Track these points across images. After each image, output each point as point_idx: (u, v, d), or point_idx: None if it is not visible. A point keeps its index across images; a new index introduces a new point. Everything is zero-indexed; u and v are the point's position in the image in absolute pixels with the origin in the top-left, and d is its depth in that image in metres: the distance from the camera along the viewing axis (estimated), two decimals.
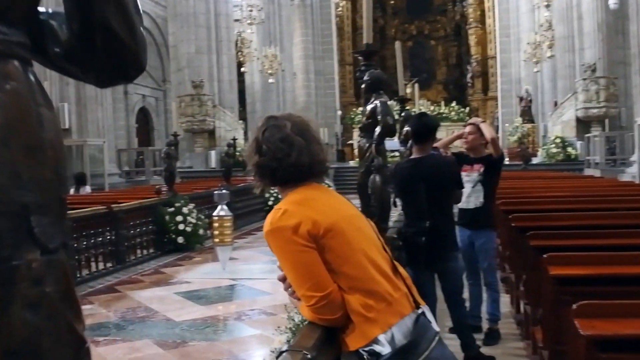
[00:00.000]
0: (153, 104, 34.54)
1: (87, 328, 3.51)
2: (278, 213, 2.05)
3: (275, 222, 2.04)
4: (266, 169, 2.15)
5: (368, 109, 3.63)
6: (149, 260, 9.65)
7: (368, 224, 2.26)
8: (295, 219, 2.01)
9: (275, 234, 2.03)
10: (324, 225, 2.03)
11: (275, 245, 2.05)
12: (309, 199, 2.12)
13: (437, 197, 4.60)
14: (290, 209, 2.05)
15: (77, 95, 15.83)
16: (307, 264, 2.01)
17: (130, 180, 19.57)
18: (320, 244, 2.02)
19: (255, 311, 6.61)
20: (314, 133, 2.22)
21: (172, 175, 10.85)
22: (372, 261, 2.09)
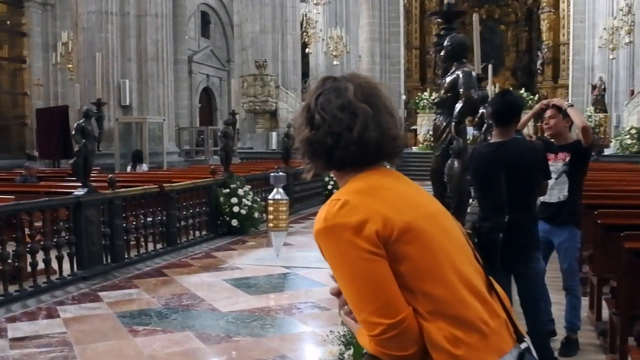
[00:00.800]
0: (217, 84, 34.51)
1: (127, 315, 2.96)
2: (335, 205, 1.50)
3: (331, 217, 1.49)
4: (319, 146, 1.59)
5: (447, 81, 3.01)
6: (200, 242, 9.26)
7: (456, 225, 1.66)
8: (360, 215, 1.47)
9: (331, 233, 1.48)
10: (399, 225, 1.46)
11: (329, 248, 1.50)
12: (378, 187, 1.55)
13: (520, 188, 3.94)
14: (352, 200, 1.50)
15: (138, 72, 15.61)
16: (373, 279, 1.44)
17: (189, 159, 19.41)
18: (391, 251, 1.45)
19: (308, 304, 6.10)
20: (385, 100, 1.63)
21: (229, 156, 10.41)
22: (463, 276, 1.50)
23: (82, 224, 6.92)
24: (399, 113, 8.43)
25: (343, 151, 1.57)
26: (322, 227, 1.49)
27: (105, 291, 6.48)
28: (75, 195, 6.95)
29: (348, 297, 1.50)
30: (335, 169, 1.64)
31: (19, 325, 5.30)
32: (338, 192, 1.56)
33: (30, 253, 6.28)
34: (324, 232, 1.49)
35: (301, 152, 1.65)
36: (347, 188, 1.56)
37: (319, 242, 1.51)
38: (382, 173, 1.61)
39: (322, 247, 1.51)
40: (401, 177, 1.65)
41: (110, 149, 14.95)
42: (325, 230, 1.48)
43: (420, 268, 1.46)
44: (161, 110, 15.89)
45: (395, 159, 1.66)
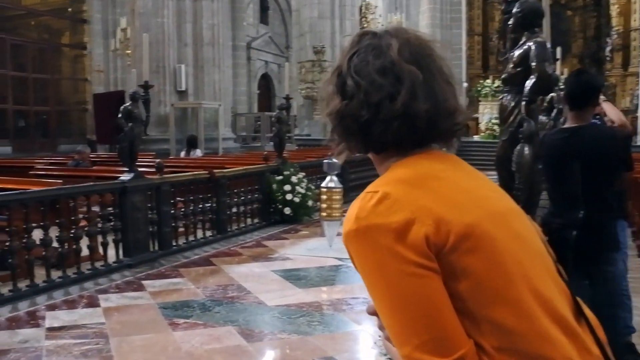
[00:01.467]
0: (275, 70, 34.39)
1: (169, 306, 2.57)
2: (371, 200, 1.11)
3: (364, 215, 1.10)
4: (353, 121, 1.20)
5: (516, 54, 2.57)
6: (252, 231, 9.01)
7: (533, 227, 1.25)
8: (404, 213, 1.07)
9: (364, 237, 1.09)
10: (457, 228, 1.07)
11: (362, 257, 1.11)
12: (429, 176, 1.16)
13: (596, 180, 3.46)
14: (393, 193, 1.10)
15: (194, 57, 15.52)
16: (421, 302, 1.06)
17: (245, 145, 19.27)
18: (447, 263, 1.07)
19: (359, 300, 5.73)
20: (440, 62, 1.23)
21: (282, 141, 10.11)
22: (543, 299, 1.09)
23: (128, 210, 6.74)
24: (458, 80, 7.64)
25: (383, 127, 1.17)
26: (352, 228, 1.10)
27: (150, 280, 6.28)
28: (121, 180, 6.77)
29: (387, 323, 1.10)
30: (373, 152, 1.25)
31: (58, 314, 5.13)
32: (375, 183, 1.16)
33: (74, 239, 6.13)
34: (355, 236, 1.10)
35: (331, 128, 1.26)
36: (386, 177, 1.17)
37: (349, 247, 1.13)
38: (435, 158, 1.21)
39: (352, 255, 1.13)
40: (460, 164, 1.24)
41: (166, 134, 14.92)
42: (357, 233, 1.09)
43: (486, 288, 1.06)
44: (217, 95, 15.78)
45: (452, 139, 1.25)
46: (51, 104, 20.59)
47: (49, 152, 17.82)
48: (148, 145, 14.08)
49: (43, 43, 20.92)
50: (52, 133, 20.45)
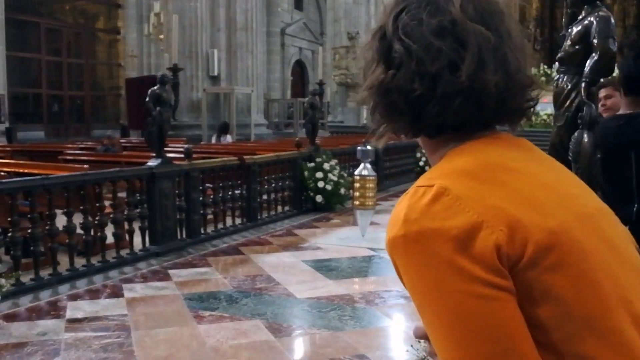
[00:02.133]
0: (309, 57, 34.12)
1: (195, 297, 2.29)
2: (424, 197, 0.84)
3: (416, 217, 0.83)
4: (401, 97, 0.92)
5: (575, 31, 2.26)
6: (282, 219, 8.79)
7: (625, 232, 0.96)
8: (467, 215, 0.81)
9: (415, 245, 0.82)
10: (537, 236, 0.80)
11: (412, 270, 0.84)
12: (499, 168, 0.88)
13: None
14: (453, 188, 0.83)
15: (227, 42, 15.34)
16: (492, 332, 0.79)
17: (277, 132, 19.09)
18: (523, 282, 0.80)
19: (392, 293, 5.48)
20: (510, 22, 0.95)
21: (315, 128, 9.86)
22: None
23: (156, 197, 6.56)
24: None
25: (441, 106, 0.89)
26: (399, 234, 0.83)
27: (177, 269, 6.10)
28: (148, 166, 6.58)
29: (445, 357, 0.82)
30: (426, 135, 0.97)
31: (80, 304, 4.97)
32: (427, 175, 0.90)
33: (100, 226, 5.97)
34: (403, 244, 0.83)
35: (369, 104, 0.98)
36: (443, 167, 0.90)
37: (395, 257, 0.86)
38: (504, 143, 0.94)
39: (399, 267, 0.86)
40: (534, 151, 0.96)
41: (198, 120, 14.79)
42: (406, 240, 0.83)
43: (576, 315, 0.79)
44: (250, 81, 15.59)
45: (521, 120, 0.98)
46: (86, 89, 20.66)
47: (83, 137, 17.89)
48: (180, 131, 13.98)
49: (78, 28, 20.95)
50: (87, 118, 20.52)
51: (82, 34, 20.93)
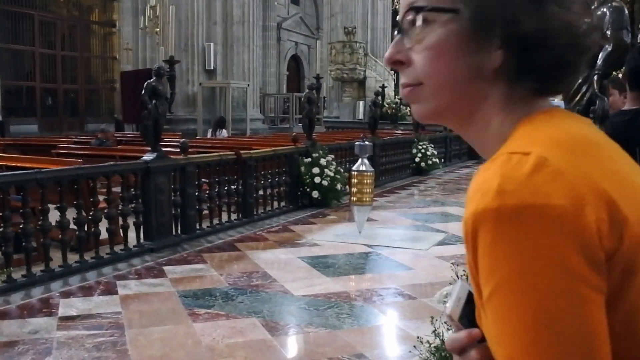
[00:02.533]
0: (305, 51, 34.01)
1: (191, 295, 2.17)
2: (523, 165, 0.68)
3: (513, 188, 0.66)
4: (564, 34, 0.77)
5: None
6: (279, 214, 8.71)
7: None
8: (571, 192, 0.66)
9: (510, 223, 0.66)
10: (636, 229, 0.68)
11: (499, 252, 0.66)
12: (590, 142, 0.75)
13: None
14: (552, 159, 0.68)
15: (224, 36, 15.22)
16: (579, 338, 0.65)
17: (273, 127, 18.98)
18: (615, 273, 0.67)
19: (390, 290, 5.42)
20: None
21: (312, 123, 9.77)
22: None
23: (151, 192, 6.47)
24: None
25: (579, 53, 0.79)
26: (492, 206, 0.67)
27: (171, 265, 6.01)
28: (143, 160, 6.48)
29: (508, 353, 0.67)
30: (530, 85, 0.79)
31: (73, 302, 4.87)
32: (513, 142, 0.74)
33: (93, 221, 5.87)
34: (495, 217, 0.66)
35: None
36: (532, 135, 0.74)
37: (480, 232, 0.68)
38: (572, 116, 0.82)
39: (481, 245, 0.68)
40: (592, 126, 0.84)
41: (194, 114, 14.69)
42: (500, 213, 0.66)
43: None
44: (246, 75, 15.49)
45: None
46: (80, 82, 20.49)
47: (77, 131, 17.74)
48: (175, 125, 13.88)
49: (73, 20, 20.76)
50: (81, 112, 20.36)
51: (77, 26, 20.75)
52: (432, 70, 0.79)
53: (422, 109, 0.84)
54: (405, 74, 0.83)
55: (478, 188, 0.70)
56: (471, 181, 0.73)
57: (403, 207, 9.93)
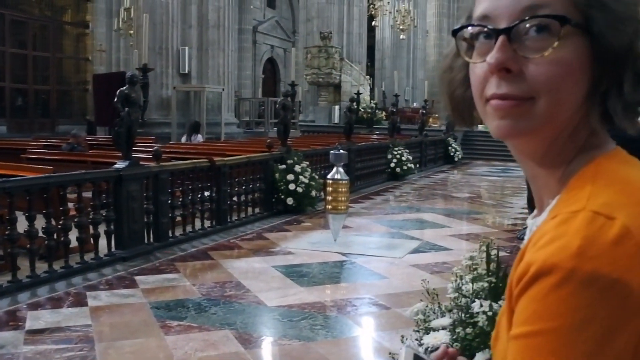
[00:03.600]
0: (281, 55, 34.01)
1: (163, 306, 2.09)
2: (607, 231, 0.66)
3: (595, 254, 0.64)
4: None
5: None
6: (253, 221, 8.65)
7: None
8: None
9: (582, 288, 0.63)
10: None
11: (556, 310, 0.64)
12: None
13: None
14: (635, 231, 0.66)
15: (199, 40, 15.12)
16: None
17: (248, 131, 18.91)
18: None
19: (364, 300, 5.40)
20: None
21: (287, 129, 9.74)
22: None
23: (123, 200, 6.37)
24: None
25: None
26: (568, 265, 0.64)
27: (143, 275, 5.91)
28: (115, 168, 6.38)
29: None
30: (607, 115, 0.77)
31: (41, 314, 4.75)
32: (601, 196, 0.70)
33: (64, 230, 5.75)
34: (566, 277, 0.64)
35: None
36: (616, 190, 0.71)
37: (542, 285, 0.66)
38: (632, 159, 0.79)
39: (536, 298, 0.66)
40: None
41: (168, 118, 14.56)
42: (573, 275, 0.64)
43: None
44: (221, 79, 15.40)
45: None
46: (52, 83, 20.22)
47: (48, 132, 17.50)
48: (149, 129, 13.74)
49: (45, 20, 20.48)
50: (52, 113, 20.09)
51: (49, 26, 20.48)
52: (557, 86, 0.73)
53: (521, 126, 0.75)
54: (511, 83, 0.74)
55: (557, 236, 0.67)
56: (546, 222, 0.71)
57: (378, 213, 9.93)
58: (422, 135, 17.23)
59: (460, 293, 2.93)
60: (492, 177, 15.28)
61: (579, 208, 0.68)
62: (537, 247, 0.68)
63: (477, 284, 2.91)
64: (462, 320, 2.87)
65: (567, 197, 0.73)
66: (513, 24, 0.73)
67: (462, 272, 2.99)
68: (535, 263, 0.66)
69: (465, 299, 2.92)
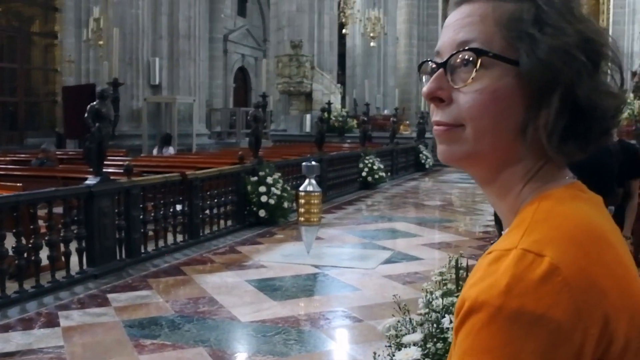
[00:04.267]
0: (252, 63, 33.97)
1: (136, 324, 2.09)
2: (534, 270, 0.70)
3: (520, 292, 0.69)
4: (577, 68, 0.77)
5: None
6: (225, 234, 8.65)
7: None
8: (571, 307, 0.69)
9: (508, 325, 0.69)
10: (623, 332, 0.72)
11: (484, 346, 0.70)
12: (601, 239, 0.76)
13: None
14: (565, 269, 0.70)
15: (169, 50, 15.07)
16: None
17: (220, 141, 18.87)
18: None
19: (337, 313, 5.45)
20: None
21: (258, 140, 9.76)
22: None
23: (95, 216, 6.34)
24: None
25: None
26: (495, 302, 0.69)
27: (116, 292, 5.89)
28: (86, 185, 6.35)
29: None
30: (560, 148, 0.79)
31: (11, 336, 4.70)
32: (533, 233, 0.73)
33: (34, 249, 5.70)
34: (493, 314, 0.69)
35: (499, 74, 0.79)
36: (550, 226, 0.74)
37: (473, 321, 0.71)
38: (587, 195, 0.83)
39: (469, 333, 0.71)
40: (601, 207, 0.84)
41: (138, 129, 14.48)
42: (500, 312, 0.69)
43: None
44: (192, 90, 15.35)
45: None
46: (20, 95, 19.97)
47: (17, 145, 17.26)
48: (120, 141, 13.65)
49: (12, 31, 20.23)
50: (20, 125, 19.82)
51: (17, 37, 20.24)
52: (480, 114, 0.78)
53: (454, 151, 0.82)
54: (443, 112, 0.81)
55: (488, 274, 0.71)
56: (483, 258, 0.75)
57: (350, 223, 10.00)
58: (394, 143, 17.37)
59: (430, 308, 3.00)
60: (463, 184, 15.44)
61: (511, 246, 0.72)
62: (471, 283, 0.73)
63: (447, 299, 2.98)
64: (433, 335, 2.93)
65: (510, 230, 0.78)
66: (446, 58, 0.81)
67: (432, 287, 3.06)
68: (468, 299, 0.71)
69: (436, 314, 2.99)
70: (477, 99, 0.78)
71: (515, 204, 0.82)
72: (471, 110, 0.79)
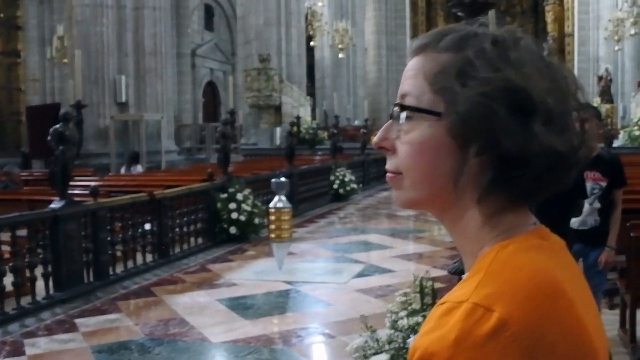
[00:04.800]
0: (221, 77, 33.90)
1: (105, 350, 2.03)
2: (483, 325, 0.70)
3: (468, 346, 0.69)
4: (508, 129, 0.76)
5: None
6: (196, 252, 8.56)
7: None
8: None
9: None
10: None
11: None
12: (556, 293, 0.75)
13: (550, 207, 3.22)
14: (514, 324, 0.70)
15: (135, 68, 14.95)
16: None
17: (190, 158, 18.74)
18: None
19: (310, 330, 5.43)
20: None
21: (227, 157, 9.72)
22: None
23: (61, 240, 6.22)
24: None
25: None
26: (445, 354, 0.70)
27: (84, 317, 5.77)
28: (51, 209, 6.24)
29: None
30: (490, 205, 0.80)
31: None
32: (486, 286, 0.74)
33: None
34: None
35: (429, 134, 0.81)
36: (504, 279, 0.74)
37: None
38: (549, 243, 0.82)
39: None
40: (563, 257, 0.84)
41: (106, 148, 14.31)
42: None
43: None
44: (160, 107, 15.25)
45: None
46: None
47: None
48: (87, 160, 13.47)
49: None
50: None
51: None
52: (411, 164, 0.81)
53: (400, 196, 0.85)
54: (389, 160, 0.85)
55: (439, 325, 0.72)
56: (436, 307, 0.76)
57: (322, 237, 9.97)
58: (364, 154, 17.43)
59: (396, 328, 2.99)
60: None
61: (464, 298, 0.72)
62: (422, 332, 0.74)
63: (412, 318, 2.98)
64: (400, 355, 2.93)
65: (467, 278, 0.78)
66: (392, 111, 0.85)
67: (397, 308, 3.05)
68: (419, 349, 0.72)
69: (402, 334, 2.98)
70: (407, 150, 0.81)
71: (474, 248, 0.82)
72: (404, 160, 0.82)
